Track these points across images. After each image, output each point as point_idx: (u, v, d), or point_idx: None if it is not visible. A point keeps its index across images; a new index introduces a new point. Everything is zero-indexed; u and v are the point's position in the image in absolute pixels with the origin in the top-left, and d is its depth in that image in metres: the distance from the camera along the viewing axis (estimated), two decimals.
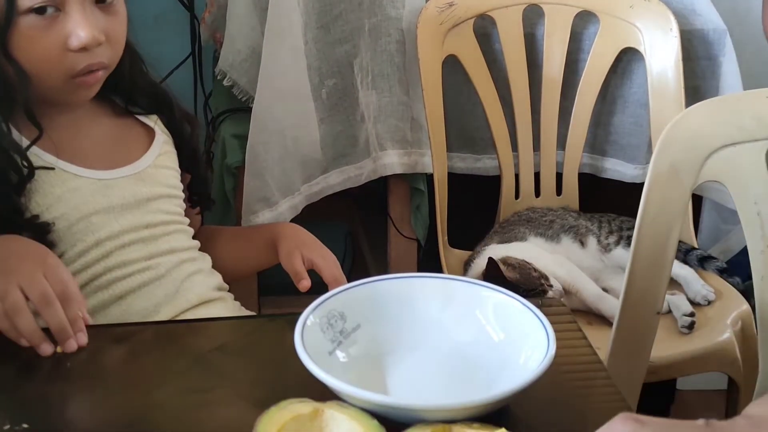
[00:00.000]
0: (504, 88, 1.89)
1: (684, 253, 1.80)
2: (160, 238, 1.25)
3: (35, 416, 0.87)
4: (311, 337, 0.90)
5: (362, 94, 1.87)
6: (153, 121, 1.32)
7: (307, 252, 1.30)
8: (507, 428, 0.80)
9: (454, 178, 1.89)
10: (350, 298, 0.97)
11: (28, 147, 1.17)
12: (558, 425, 0.88)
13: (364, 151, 1.90)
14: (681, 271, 1.75)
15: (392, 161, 1.92)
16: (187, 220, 1.32)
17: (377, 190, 2.03)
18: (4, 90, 1.15)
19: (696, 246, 1.83)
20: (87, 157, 1.23)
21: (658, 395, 2.10)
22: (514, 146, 1.91)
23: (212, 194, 1.52)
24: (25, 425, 0.84)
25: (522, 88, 1.90)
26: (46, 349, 0.98)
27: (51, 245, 1.16)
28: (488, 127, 1.89)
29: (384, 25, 1.85)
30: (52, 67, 1.14)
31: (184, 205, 1.33)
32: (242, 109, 1.88)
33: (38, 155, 1.18)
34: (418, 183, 1.95)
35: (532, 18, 1.91)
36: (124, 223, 1.22)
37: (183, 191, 1.34)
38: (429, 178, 1.90)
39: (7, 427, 0.83)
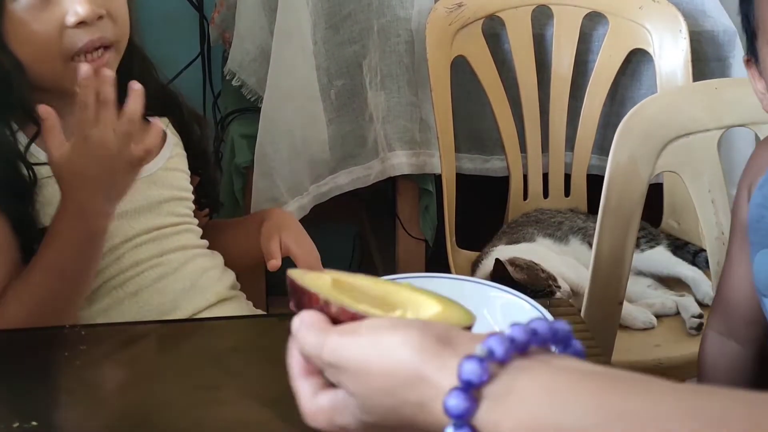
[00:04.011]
0: (513, 88, 1.89)
1: (693, 255, 1.79)
2: (170, 237, 1.25)
3: (44, 414, 0.87)
4: None
5: (371, 94, 1.87)
6: (165, 124, 1.31)
7: (285, 237, 1.29)
8: None
9: (462, 178, 1.89)
10: None
11: (28, 146, 1.14)
12: None
13: (372, 152, 1.90)
14: (689, 272, 1.75)
15: (400, 162, 1.92)
16: (196, 221, 1.32)
17: (385, 191, 2.03)
18: (1, 85, 1.12)
19: (705, 248, 1.83)
20: None
21: None
22: (523, 147, 1.91)
23: (221, 195, 1.52)
24: (34, 423, 0.84)
25: (531, 89, 1.90)
26: None
27: None
28: (497, 128, 1.89)
29: (393, 26, 1.85)
30: (50, 48, 1.10)
31: (193, 207, 1.33)
32: (251, 109, 1.88)
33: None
34: (426, 184, 1.95)
35: (541, 19, 1.90)
36: (136, 227, 1.22)
37: (192, 193, 1.34)
38: (437, 178, 1.89)
39: (16, 424, 0.84)
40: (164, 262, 1.23)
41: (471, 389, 0.50)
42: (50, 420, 0.86)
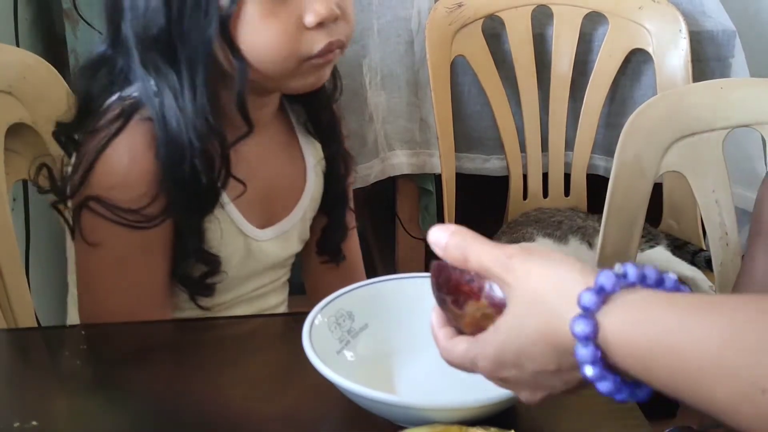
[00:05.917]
0: (513, 88, 1.89)
1: (692, 255, 1.79)
2: (264, 296, 1.18)
3: (44, 414, 0.87)
4: (319, 336, 0.90)
5: (371, 94, 1.87)
6: (316, 158, 1.20)
7: None
8: (516, 431, 0.80)
9: (462, 178, 1.89)
10: (358, 297, 0.97)
11: (235, 143, 1.04)
12: (567, 426, 0.88)
13: (372, 152, 1.90)
14: (689, 272, 1.75)
15: (401, 161, 1.92)
16: (289, 269, 1.22)
17: (385, 191, 2.03)
18: (221, 81, 1.03)
19: (704, 248, 1.83)
20: (250, 204, 1.11)
21: (666, 397, 2.10)
22: (523, 147, 1.91)
23: None
24: (34, 422, 0.84)
25: (531, 89, 1.90)
26: None
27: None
28: (497, 128, 1.89)
29: (393, 26, 1.85)
30: (288, 49, 1.01)
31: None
32: None
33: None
34: (426, 183, 1.95)
35: (541, 19, 1.91)
36: (249, 286, 1.15)
37: (312, 232, 1.23)
38: (437, 178, 1.90)
39: (16, 424, 0.84)
40: None
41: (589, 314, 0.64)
42: (50, 420, 0.86)
